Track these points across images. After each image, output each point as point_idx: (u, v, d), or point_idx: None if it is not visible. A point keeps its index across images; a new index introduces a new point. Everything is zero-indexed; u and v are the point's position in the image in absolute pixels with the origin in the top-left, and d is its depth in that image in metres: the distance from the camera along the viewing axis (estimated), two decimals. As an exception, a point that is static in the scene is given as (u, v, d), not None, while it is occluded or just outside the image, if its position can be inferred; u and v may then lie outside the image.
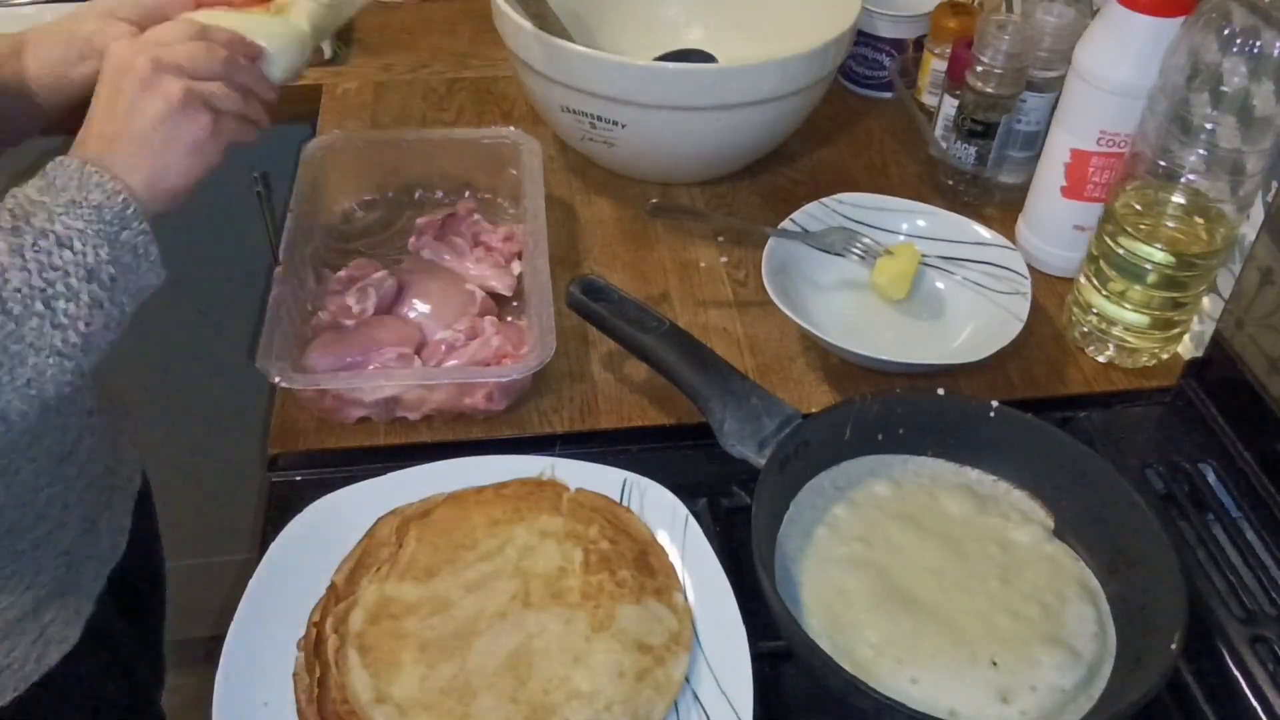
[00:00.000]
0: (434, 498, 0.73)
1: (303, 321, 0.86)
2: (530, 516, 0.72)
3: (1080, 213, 0.93)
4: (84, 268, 0.61)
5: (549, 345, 0.79)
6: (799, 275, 0.93)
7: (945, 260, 0.95)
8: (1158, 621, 0.65)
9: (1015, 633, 0.67)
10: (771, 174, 1.09)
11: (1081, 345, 0.91)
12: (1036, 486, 0.76)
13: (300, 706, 0.63)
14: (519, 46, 0.99)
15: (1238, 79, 0.76)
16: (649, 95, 0.95)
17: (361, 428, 0.82)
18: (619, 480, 0.74)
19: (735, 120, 0.98)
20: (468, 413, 0.82)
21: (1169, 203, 0.82)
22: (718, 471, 0.76)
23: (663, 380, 0.79)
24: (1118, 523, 0.71)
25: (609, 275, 0.95)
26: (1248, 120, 0.77)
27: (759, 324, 0.92)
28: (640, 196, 1.04)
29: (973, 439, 0.77)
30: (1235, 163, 0.78)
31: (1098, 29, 0.87)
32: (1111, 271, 0.85)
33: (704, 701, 0.64)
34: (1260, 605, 0.71)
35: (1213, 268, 0.84)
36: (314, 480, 0.78)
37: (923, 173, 1.10)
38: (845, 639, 0.67)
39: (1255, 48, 0.75)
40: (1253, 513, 0.77)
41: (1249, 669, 0.67)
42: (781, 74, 0.96)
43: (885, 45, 1.17)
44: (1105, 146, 0.89)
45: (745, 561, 0.69)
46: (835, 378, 0.88)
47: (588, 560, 0.69)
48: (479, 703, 0.62)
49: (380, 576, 0.68)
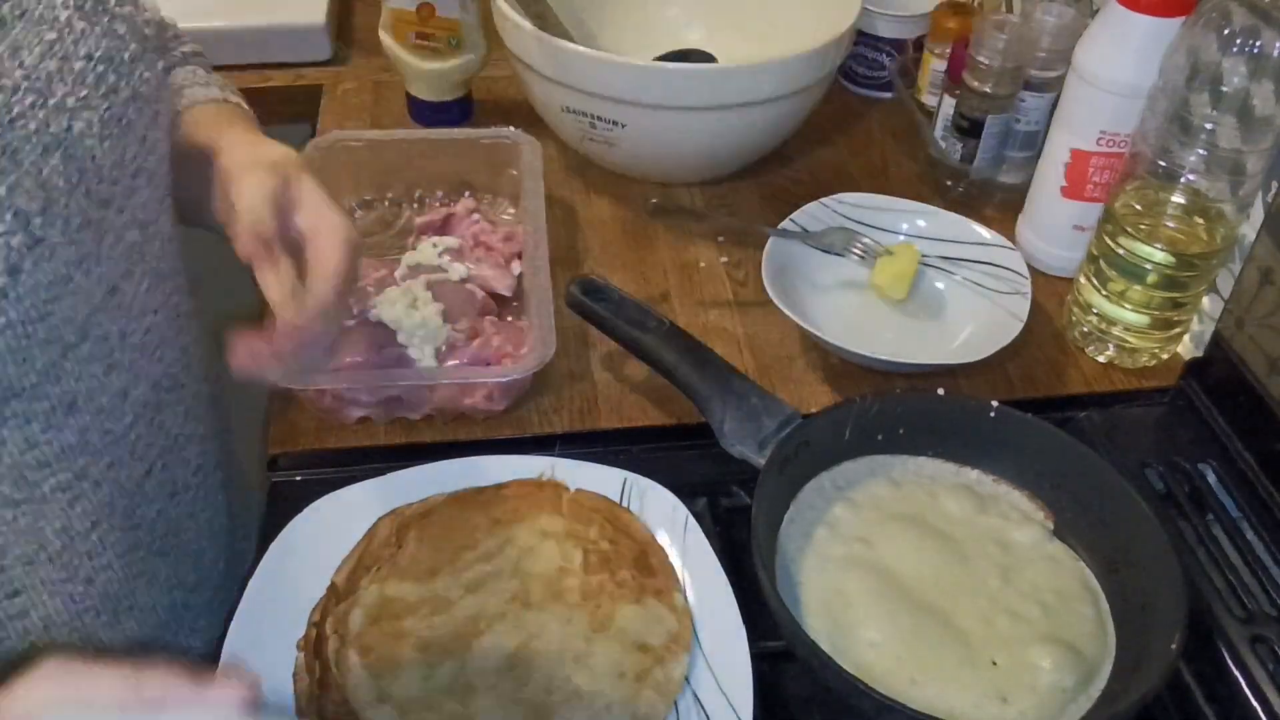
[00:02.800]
0: (434, 498, 0.73)
1: (303, 321, 0.85)
2: (530, 516, 0.72)
3: (1080, 213, 0.93)
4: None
5: (549, 345, 0.79)
6: (799, 275, 0.93)
7: (945, 260, 0.95)
8: (1158, 621, 0.65)
9: (1015, 633, 0.67)
10: (771, 174, 1.09)
11: (1081, 345, 0.91)
12: (1036, 486, 0.76)
13: (300, 706, 0.63)
14: (519, 46, 0.99)
15: (1238, 79, 0.76)
16: (649, 95, 0.95)
17: (361, 428, 0.82)
18: (619, 480, 0.74)
19: (735, 120, 0.98)
20: (468, 413, 0.82)
21: (1169, 203, 0.82)
22: (718, 471, 0.76)
23: (663, 380, 0.79)
24: (1118, 523, 0.71)
25: (609, 275, 0.95)
26: (1248, 120, 0.77)
27: (759, 324, 0.92)
28: (640, 196, 1.04)
29: (973, 439, 0.77)
30: (1235, 163, 0.78)
31: (1097, 29, 0.87)
32: (1111, 271, 0.85)
33: (704, 702, 0.64)
34: (1260, 605, 0.71)
35: (1213, 268, 0.84)
36: (314, 480, 0.78)
37: (923, 173, 1.10)
38: (845, 639, 0.67)
39: (1255, 48, 0.74)
40: (1253, 513, 0.77)
41: (1249, 669, 0.67)
42: (781, 74, 0.96)
43: (885, 45, 1.17)
44: (1105, 146, 0.89)
45: (745, 561, 0.68)
46: (835, 378, 0.88)
47: (588, 560, 0.69)
48: (479, 703, 0.62)
49: (380, 576, 0.68)
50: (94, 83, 0.58)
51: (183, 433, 0.70)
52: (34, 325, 0.54)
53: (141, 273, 0.63)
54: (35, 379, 0.55)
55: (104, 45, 0.59)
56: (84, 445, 0.60)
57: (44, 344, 0.55)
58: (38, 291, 0.53)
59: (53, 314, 0.55)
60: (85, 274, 0.57)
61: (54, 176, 0.54)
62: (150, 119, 0.63)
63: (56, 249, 0.54)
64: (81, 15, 0.58)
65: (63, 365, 0.57)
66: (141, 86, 0.62)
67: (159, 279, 0.65)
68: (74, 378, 0.58)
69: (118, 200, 0.60)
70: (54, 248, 0.54)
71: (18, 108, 0.53)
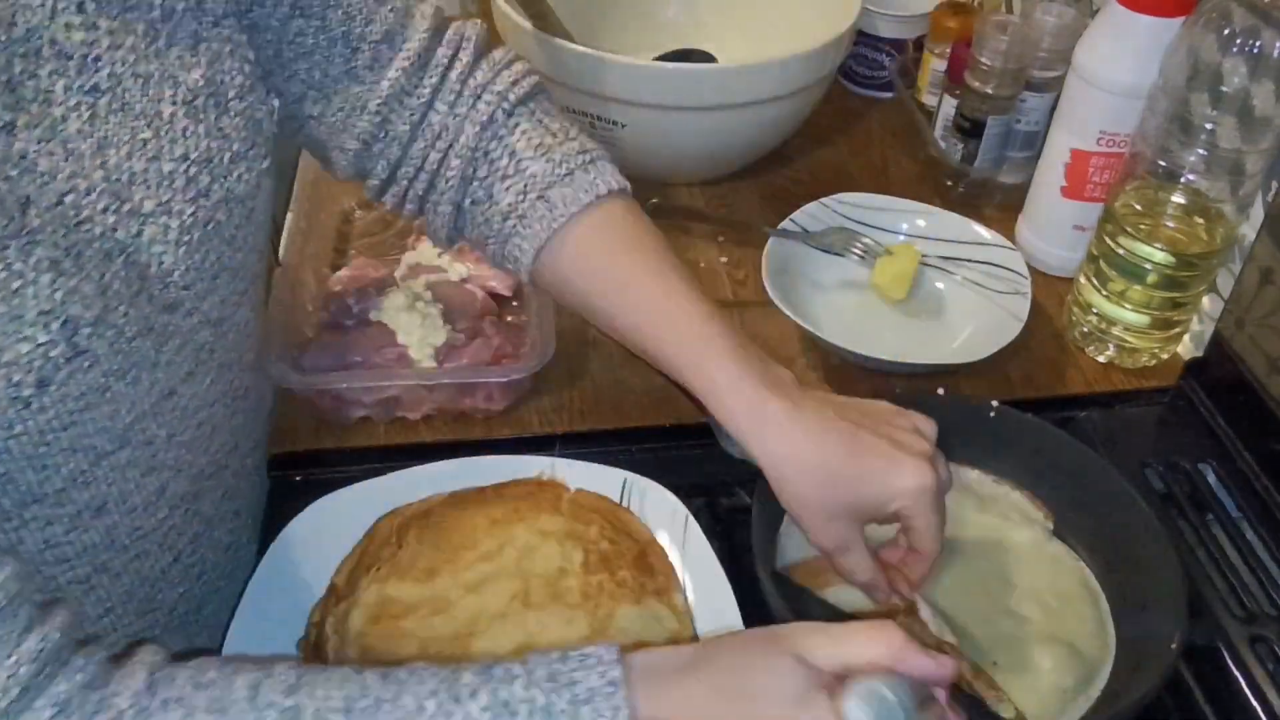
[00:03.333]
0: (434, 498, 0.73)
1: (303, 321, 0.85)
2: (530, 517, 0.72)
3: (1080, 213, 0.93)
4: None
5: (549, 345, 0.79)
6: (799, 275, 0.93)
7: (945, 260, 0.95)
8: (1158, 621, 0.65)
9: (1015, 633, 0.67)
10: (771, 174, 1.09)
11: (1081, 345, 0.91)
12: (1036, 486, 0.76)
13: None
14: (519, 46, 0.99)
15: (1238, 79, 0.76)
16: (649, 95, 0.95)
17: (361, 428, 0.82)
18: (619, 480, 0.74)
19: (735, 120, 0.98)
20: (468, 413, 0.82)
21: (1169, 203, 0.82)
22: (718, 471, 0.76)
23: (663, 380, 0.79)
24: (1118, 523, 0.71)
25: (609, 275, 0.95)
26: (1248, 120, 0.77)
27: (759, 324, 0.92)
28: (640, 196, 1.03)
29: (973, 439, 0.77)
30: (1235, 163, 0.78)
31: (1098, 29, 0.87)
32: (1111, 271, 0.85)
33: (704, 701, 0.64)
34: (1260, 605, 0.71)
35: (1213, 268, 0.84)
36: (314, 480, 0.78)
37: (923, 173, 1.10)
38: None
39: (1255, 48, 0.74)
40: (1253, 513, 0.77)
41: (1249, 669, 0.67)
42: (781, 74, 0.96)
43: (885, 45, 1.17)
44: (1105, 146, 0.89)
45: (745, 561, 0.68)
46: (835, 378, 0.88)
47: (588, 560, 0.69)
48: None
49: (380, 576, 0.68)
50: (183, 186, 0.54)
51: (217, 514, 0.66)
52: (57, 435, 0.50)
53: (206, 370, 0.59)
54: (60, 484, 0.52)
55: (204, 146, 0.55)
56: (109, 543, 0.57)
57: (69, 453, 0.51)
58: (66, 402, 0.49)
59: (80, 424, 0.51)
60: (132, 383, 0.52)
61: (114, 282, 0.50)
62: (243, 217, 0.58)
63: (99, 359, 0.50)
64: (189, 112, 0.54)
65: (93, 472, 0.53)
66: (238, 187, 0.57)
67: (225, 370, 0.61)
68: (106, 483, 0.54)
69: (188, 303, 0.56)
70: (97, 359, 0.50)
71: (87, 210, 0.49)
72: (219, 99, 0.56)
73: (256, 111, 0.59)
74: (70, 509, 0.53)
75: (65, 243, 0.48)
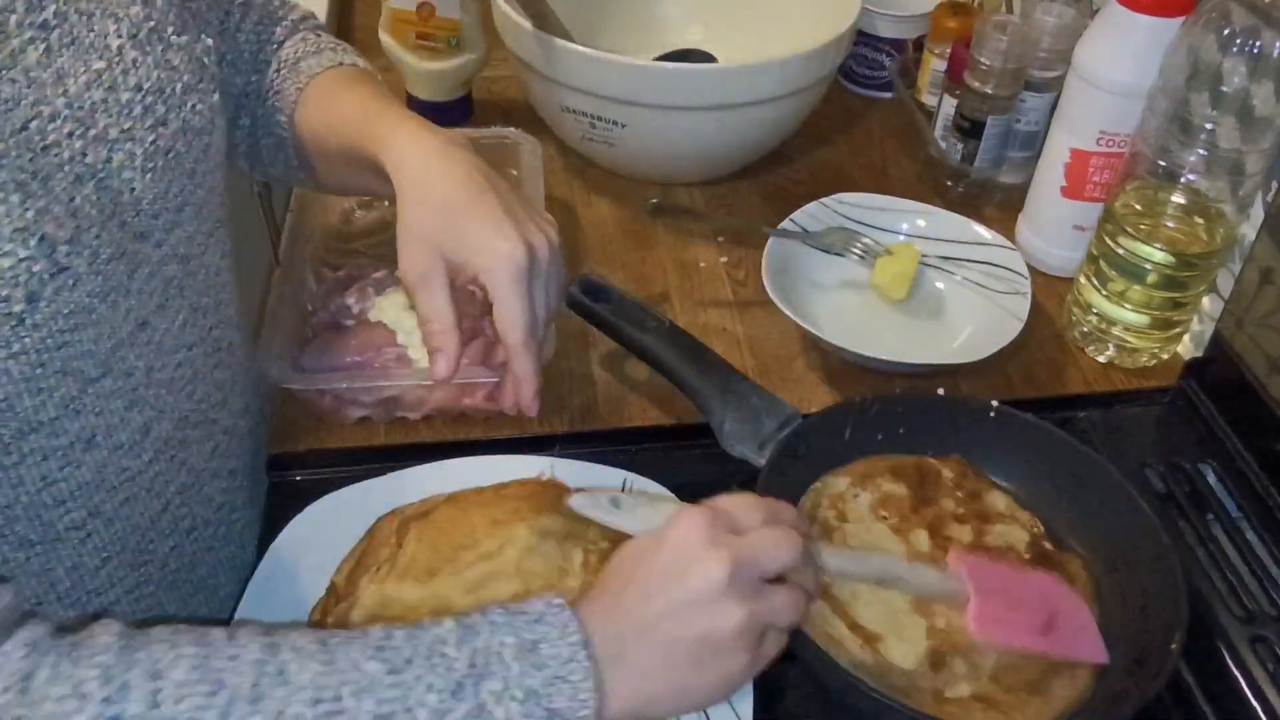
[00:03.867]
0: (434, 498, 0.73)
1: (302, 321, 0.85)
2: (530, 516, 0.72)
3: (1080, 213, 0.93)
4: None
5: (549, 345, 0.79)
6: (799, 275, 0.93)
7: (945, 260, 0.95)
8: (1158, 621, 0.65)
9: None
10: (771, 174, 1.09)
11: (1081, 345, 0.91)
12: (1036, 487, 0.76)
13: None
14: (519, 46, 0.99)
15: (1238, 79, 0.76)
16: (649, 95, 0.95)
17: (361, 428, 0.82)
18: (619, 480, 0.74)
19: (735, 120, 0.98)
20: (468, 413, 0.82)
21: (1169, 203, 0.82)
22: (718, 471, 0.76)
23: (663, 380, 0.79)
24: (1118, 523, 0.71)
25: (609, 275, 0.95)
26: (1248, 120, 0.77)
27: (759, 324, 0.92)
28: (640, 196, 1.04)
29: (973, 439, 0.77)
30: (1235, 163, 0.78)
31: (1097, 29, 0.87)
32: (1111, 271, 0.85)
33: (704, 701, 0.64)
34: (1260, 605, 0.71)
35: (1213, 268, 0.84)
36: (314, 480, 0.78)
37: (923, 173, 1.10)
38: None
39: (1255, 48, 0.75)
40: (1253, 513, 0.77)
41: (1249, 669, 0.67)
42: (781, 74, 0.96)
43: (885, 45, 1.17)
44: (1105, 146, 0.89)
45: (745, 561, 0.68)
46: (835, 378, 0.88)
47: (588, 561, 0.69)
48: (479, 703, 0.62)
49: (380, 576, 0.68)
50: (140, 114, 0.57)
51: (207, 468, 0.68)
52: (51, 355, 0.52)
53: (177, 308, 0.62)
54: (54, 412, 0.54)
55: (155, 76, 0.58)
56: (100, 482, 0.59)
57: (61, 376, 0.54)
58: (56, 320, 0.52)
59: (71, 345, 0.53)
60: (111, 307, 0.55)
61: (86, 206, 0.53)
62: (200, 151, 0.62)
63: (81, 279, 0.53)
64: (135, 45, 0.57)
65: (82, 400, 0.56)
66: (193, 119, 0.61)
67: (197, 313, 0.64)
68: (93, 412, 0.57)
69: (156, 234, 0.59)
70: (79, 277, 0.52)
71: (53, 135, 0.52)
72: (160, 33, 0.60)
73: (195, 47, 0.63)
74: (64, 440, 0.56)
75: (31, 166, 0.51)
